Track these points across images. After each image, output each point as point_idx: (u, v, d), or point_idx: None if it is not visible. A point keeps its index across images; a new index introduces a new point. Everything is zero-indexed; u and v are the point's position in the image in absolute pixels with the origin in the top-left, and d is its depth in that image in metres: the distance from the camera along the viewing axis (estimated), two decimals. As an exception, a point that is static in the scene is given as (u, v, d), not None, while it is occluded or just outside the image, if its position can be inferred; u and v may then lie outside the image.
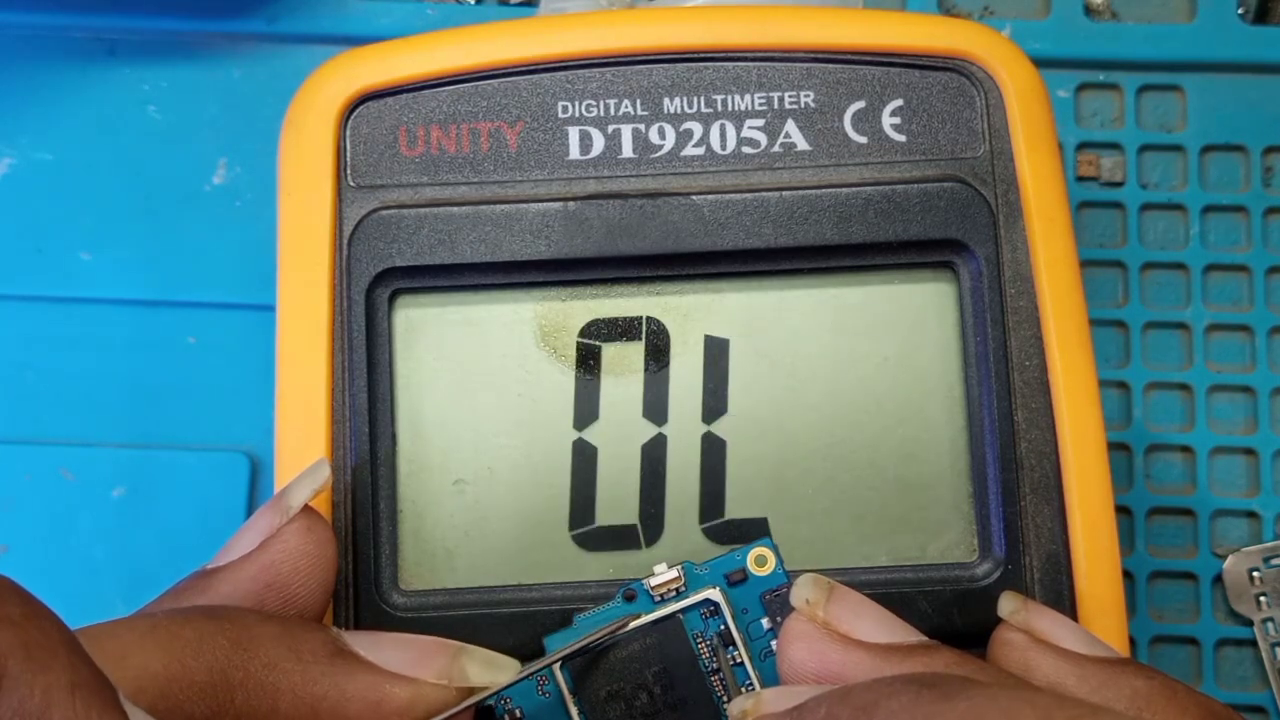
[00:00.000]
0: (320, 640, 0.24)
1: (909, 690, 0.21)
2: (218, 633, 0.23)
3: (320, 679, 0.24)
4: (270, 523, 0.26)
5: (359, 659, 0.24)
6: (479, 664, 0.25)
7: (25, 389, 0.38)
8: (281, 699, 0.23)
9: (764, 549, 0.27)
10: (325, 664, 0.24)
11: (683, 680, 0.26)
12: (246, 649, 0.23)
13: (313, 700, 0.23)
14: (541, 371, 0.30)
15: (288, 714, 0.23)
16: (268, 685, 0.23)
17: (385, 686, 0.24)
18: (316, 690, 0.24)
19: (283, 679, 0.23)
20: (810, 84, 0.30)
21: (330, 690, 0.24)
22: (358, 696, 0.24)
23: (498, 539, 0.29)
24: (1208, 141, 0.39)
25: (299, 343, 0.29)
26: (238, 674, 0.23)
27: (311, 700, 0.23)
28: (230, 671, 0.23)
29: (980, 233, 0.29)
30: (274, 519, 0.26)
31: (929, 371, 0.30)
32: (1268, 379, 0.38)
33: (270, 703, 0.23)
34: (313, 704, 0.23)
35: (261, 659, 0.23)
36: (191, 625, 0.23)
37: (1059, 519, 0.29)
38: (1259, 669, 0.37)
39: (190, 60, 0.39)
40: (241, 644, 0.23)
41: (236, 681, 0.23)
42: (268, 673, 0.23)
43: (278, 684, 0.23)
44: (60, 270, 0.38)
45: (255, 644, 0.23)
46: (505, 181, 0.30)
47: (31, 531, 0.37)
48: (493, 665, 0.25)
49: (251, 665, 0.23)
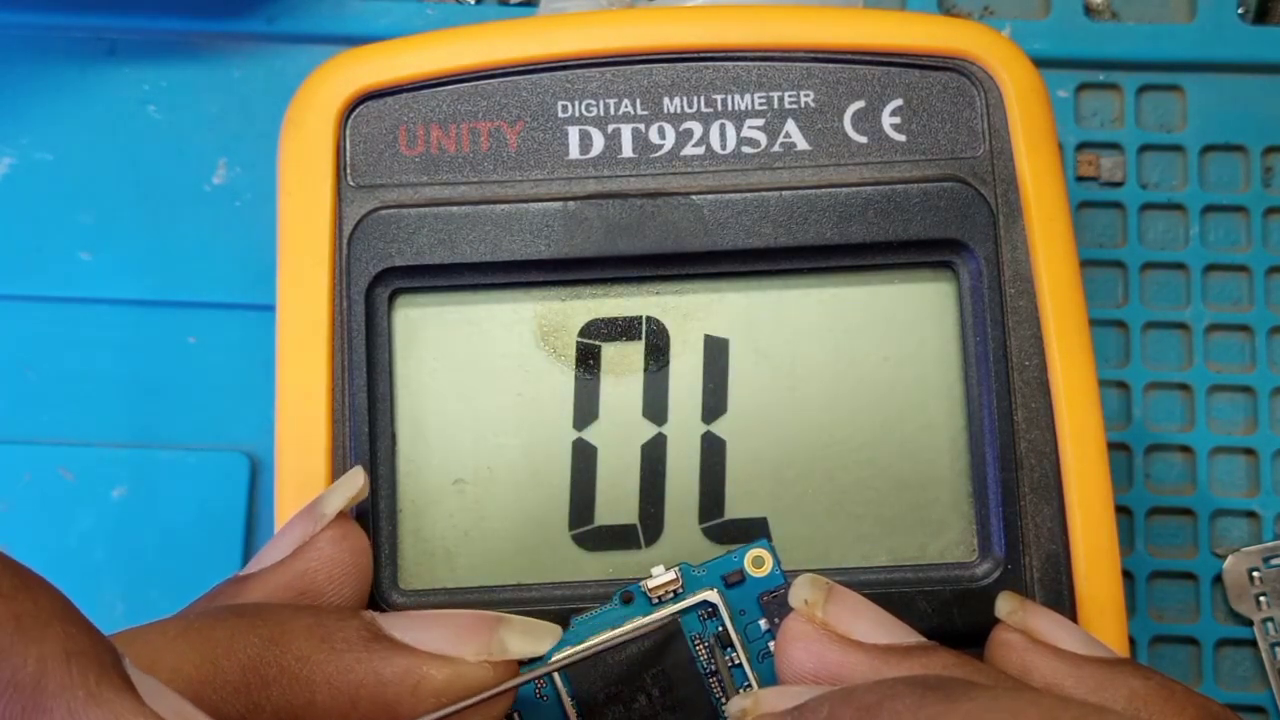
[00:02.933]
0: (354, 628, 0.24)
1: (913, 691, 0.21)
2: (249, 630, 0.23)
3: (355, 666, 0.23)
4: (304, 531, 0.26)
5: (394, 642, 0.24)
6: (518, 634, 0.25)
7: (25, 389, 0.38)
8: (318, 691, 0.23)
9: (761, 550, 0.27)
10: (360, 651, 0.24)
11: (681, 682, 0.26)
12: (279, 644, 0.23)
13: (349, 689, 0.23)
14: (541, 371, 0.30)
15: (325, 705, 0.23)
16: (302, 679, 0.23)
17: (422, 668, 0.24)
18: (352, 679, 0.23)
19: (317, 671, 0.23)
20: (810, 84, 0.30)
21: (366, 676, 0.23)
22: (394, 681, 0.24)
23: (497, 539, 0.29)
24: (1208, 141, 0.39)
25: (299, 342, 0.29)
26: (271, 670, 0.23)
27: (348, 689, 0.23)
28: (263, 668, 0.23)
29: (980, 232, 0.29)
30: (308, 527, 0.26)
31: (929, 371, 0.30)
32: (1268, 379, 0.38)
33: (307, 695, 0.23)
34: (350, 693, 0.23)
35: (294, 653, 0.23)
36: (223, 625, 0.23)
37: (1059, 519, 0.29)
38: (1259, 669, 0.37)
39: (190, 60, 0.39)
40: (274, 640, 0.23)
41: (271, 678, 0.23)
42: (301, 666, 0.23)
43: (312, 676, 0.23)
44: (60, 270, 0.38)
45: (288, 639, 0.23)
46: (505, 181, 0.30)
47: (31, 531, 0.37)
48: (532, 633, 0.25)
49: (285, 660, 0.23)
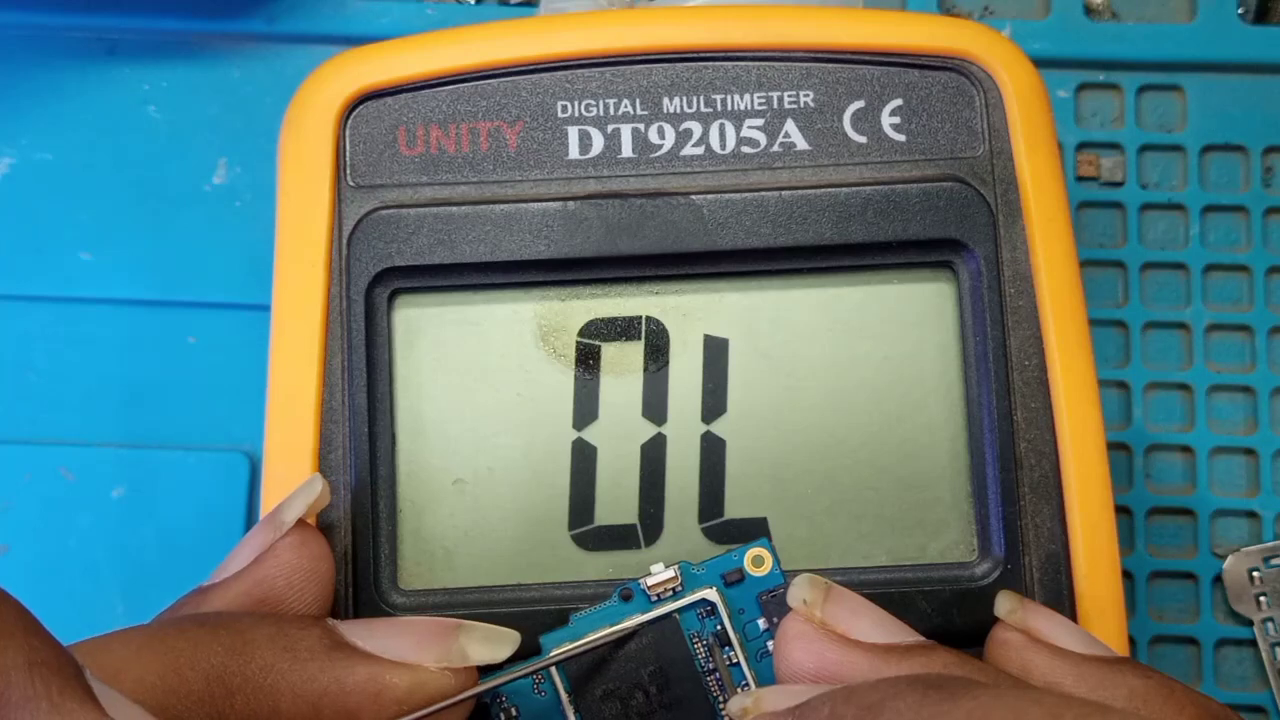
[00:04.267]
0: (316, 636, 0.24)
1: (915, 690, 0.21)
2: (212, 640, 0.23)
3: (319, 675, 0.24)
4: (264, 539, 0.26)
5: (356, 650, 0.24)
6: (478, 641, 0.25)
7: (25, 389, 0.38)
8: (281, 700, 0.23)
9: (761, 549, 0.27)
10: (323, 659, 0.24)
11: (679, 680, 0.26)
12: (242, 654, 0.23)
13: (313, 698, 0.23)
14: (541, 371, 0.30)
15: (289, 713, 0.23)
16: (266, 687, 0.23)
17: (384, 676, 0.24)
18: (315, 687, 0.24)
19: (281, 680, 0.23)
20: (810, 84, 0.30)
21: (330, 685, 0.24)
22: (356, 689, 0.24)
23: (497, 539, 0.29)
24: (1208, 141, 0.39)
25: (291, 343, 0.29)
26: (235, 679, 0.23)
27: (311, 698, 0.23)
28: (227, 678, 0.23)
29: (980, 232, 0.29)
30: (268, 535, 0.26)
31: (928, 371, 0.30)
32: (1268, 379, 0.38)
33: (270, 704, 0.23)
34: (313, 701, 0.23)
35: (258, 662, 0.23)
36: (186, 635, 0.23)
37: (1058, 519, 0.29)
38: (1259, 669, 0.37)
39: (190, 60, 0.39)
40: (236, 649, 0.23)
41: (235, 687, 0.23)
42: (265, 675, 0.23)
43: (276, 685, 0.23)
44: (60, 270, 0.38)
45: (251, 648, 0.23)
46: (505, 181, 0.30)
47: (31, 531, 0.37)
48: (492, 640, 0.25)
49: (248, 669, 0.23)
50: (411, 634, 0.25)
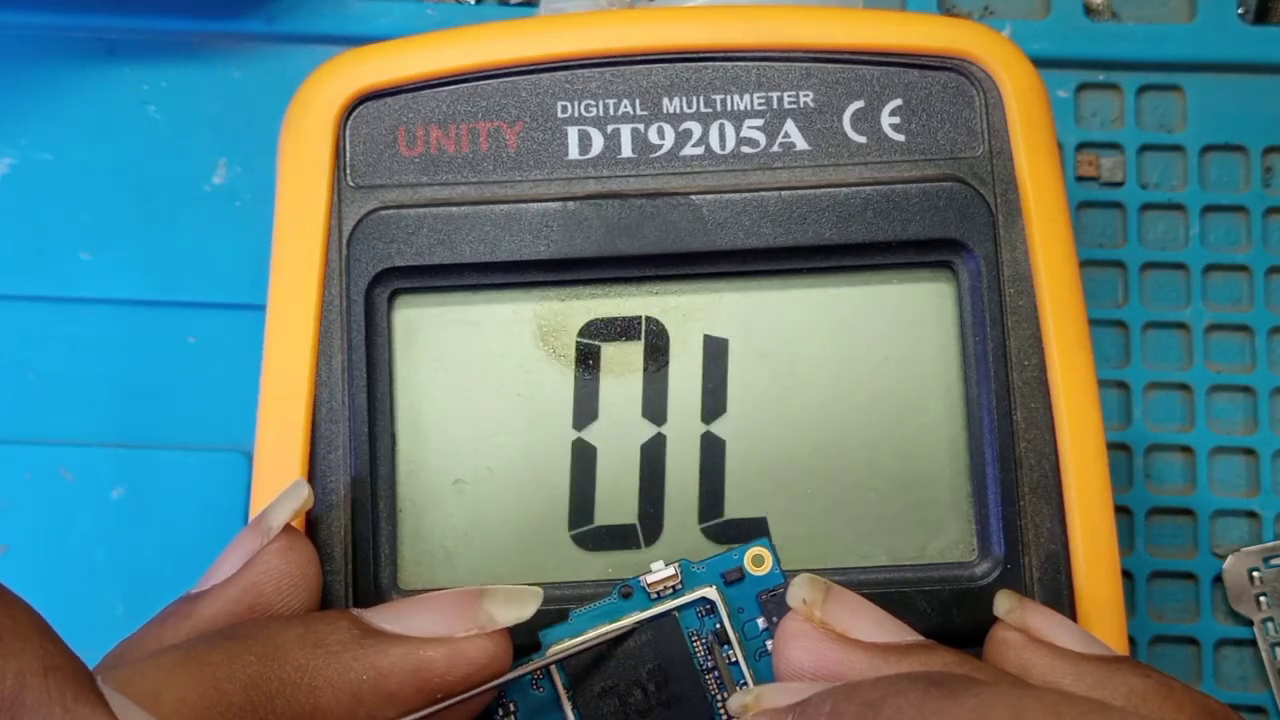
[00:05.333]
0: (344, 627, 0.24)
1: (916, 687, 0.21)
2: (244, 650, 0.23)
3: (353, 665, 0.24)
4: (252, 545, 0.26)
5: (386, 634, 0.25)
6: (502, 603, 0.25)
7: (25, 389, 0.38)
8: (321, 696, 0.23)
9: (761, 549, 0.27)
10: (355, 649, 0.24)
11: (677, 678, 0.26)
12: (275, 659, 0.23)
13: (352, 688, 0.24)
14: (541, 371, 0.30)
15: (330, 707, 0.23)
16: (304, 687, 0.23)
17: (420, 653, 0.24)
18: (352, 678, 0.24)
19: (317, 676, 0.24)
20: (809, 84, 0.30)
21: (366, 672, 0.24)
22: (395, 670, 0.24)
23: (497, 539, 0.29)
24: (1208, 141, 0.39)
25: (284, 344, 0.29)
26: (272, 684, 0.23)
27: (350, 688, 0.24)
28: (264, 684, 0.23)
29: (979, 232, 0.29)
30: (255, 541, 0.26)
31: (928, 371, 0.30)
32: (1268, 379, 0.38)
33: (311, 702, 0.23)
34: (353, 691, 0.24)
35: (292, 664, 0.23)
36: (217, 650, 0.23)
37: (1058, 518, 0.29)
38: (1259, 669, 0.37)
39: (190, 60, 0.39)
40: (269, 655, 0.23)
41: (273, 692, 0.23)
42: (301, 675, 0.23)
43: (313, 683, 0.23)
44: (60, 270, 0.38)
45: (282, 651, 0.24)
46: (504, 181, 0.30)
47: (31, 531, 0.37)
48: (515, 600, 0.25)
49: (284, 672, 0.23)
50: (436, 608, 0.25)
